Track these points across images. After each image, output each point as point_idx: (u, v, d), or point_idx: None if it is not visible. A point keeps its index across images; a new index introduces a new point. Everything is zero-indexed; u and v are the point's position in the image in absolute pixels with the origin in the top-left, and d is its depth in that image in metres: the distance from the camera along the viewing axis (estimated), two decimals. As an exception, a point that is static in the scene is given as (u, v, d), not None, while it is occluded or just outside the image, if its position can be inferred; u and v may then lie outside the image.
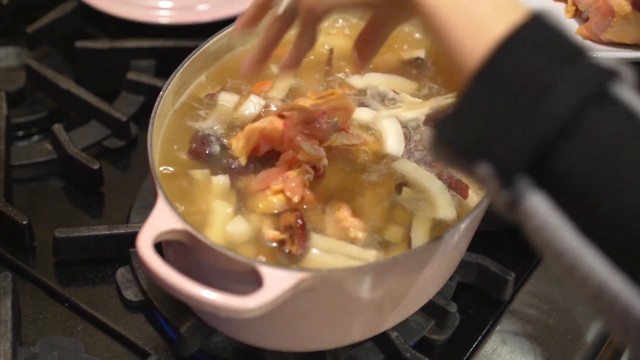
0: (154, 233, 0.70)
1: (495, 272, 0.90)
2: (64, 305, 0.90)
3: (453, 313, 0.87)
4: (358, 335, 0.81)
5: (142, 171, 1.00)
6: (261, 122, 0.82)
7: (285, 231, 0.76)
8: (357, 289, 0.74)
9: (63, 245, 0.91)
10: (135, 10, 1.15)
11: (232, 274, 0.71)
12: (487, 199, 0.59)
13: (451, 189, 0.80)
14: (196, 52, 0.87)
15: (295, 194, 0.78)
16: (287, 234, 0.76)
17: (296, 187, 0.78)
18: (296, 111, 0.82)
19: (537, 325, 0.89)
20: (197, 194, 0.79)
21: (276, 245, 0.76)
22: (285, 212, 0.77)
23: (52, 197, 1.00)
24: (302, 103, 0.83)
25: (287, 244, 0.76)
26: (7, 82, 1.09)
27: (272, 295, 0.67)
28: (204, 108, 0.87)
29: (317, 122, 0.82)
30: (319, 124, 0.82)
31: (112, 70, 1.11)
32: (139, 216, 0.95)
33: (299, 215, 0.76)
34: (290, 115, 0.82)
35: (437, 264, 0.79)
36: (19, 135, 1.07)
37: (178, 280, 0.67)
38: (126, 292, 0.89)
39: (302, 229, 0.76)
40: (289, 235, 0.76)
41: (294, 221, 0.76)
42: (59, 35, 1.16)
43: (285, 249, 0.76)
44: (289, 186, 0.78)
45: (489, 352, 0.88)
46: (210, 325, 0.82)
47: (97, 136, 1.05)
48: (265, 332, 0.78)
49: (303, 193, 0.78)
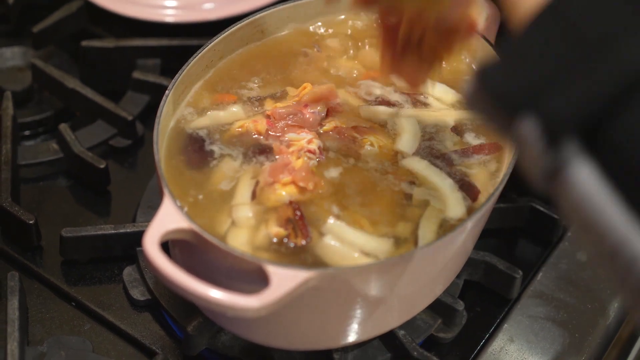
0: (160, 232, 0.70)
1: (503, 269, 0.90)
2: (71, 304, 0.90)
3: (460, 311, 0.87)
4: (365, 333, 0.81)
5: (149, 170, 1.00)
6: (245, 121, 0.84)
7: (286, 225, 0.76)
8: (363, 287, 0.73)
9: (70, 245, 0.91)
10: (141, 9, 1.15)
11: (239, 273, 0.71)
12: (524, 163, 0.50)
13: (462, 191, 0.80)
14: (202, 50, 0.87)
15: (309, 181, 0.78)
16: (289, 227, 0.76)
17: (306, 175, 0.78)
18: (278, 108, 0.84)
19: (545, 323, 0.89)
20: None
21: (287, 241, 0.76)
22: (282, 207, 0.77)
23: (58, 196, 1.00)
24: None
25: (291, 237, 0.76)
26: (14, 82, 1.10)
27: (279, 294, 0.67)
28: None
29: (301, 113, 0.84)
30: (302, 115, 0.84)
31: (118, 69, 1.11)
32: (146, 215, 0.95)
33: (295, 206, 0.77)
34: (272, 112, 0.84)
35: (444, 262, 0.78)
36: (26, 134, 1.07)
37: (184, 280, 0.67)
38: (133, 291, 0.89)
39: (301, 220, 0.76)
40: (291, 228, 0.76)
41: (292, 214, 0.76)
42: (65, 35, 1.16)
43: (290, 244, 0.75)
44: (299, 176, 0.78)
45: (497, 350, 0.87)
46: (217, 324, 0.82)
47: (104, 135, 1.05)
48: (272, 330, 0.78)
49: (314, 180, 0.78)
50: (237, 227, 0.77)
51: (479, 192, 0.80)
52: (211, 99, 0.87)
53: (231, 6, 1.15)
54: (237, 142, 0.83)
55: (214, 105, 0.86)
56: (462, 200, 0.79)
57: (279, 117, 0.84)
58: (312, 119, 0.84)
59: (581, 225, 0.48)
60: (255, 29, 0.92)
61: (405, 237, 0.77)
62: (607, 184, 0.46)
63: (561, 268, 0.94)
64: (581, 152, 0.46)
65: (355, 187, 0.80)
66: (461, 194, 0.80)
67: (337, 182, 0.80)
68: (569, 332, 0.89)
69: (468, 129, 0.85)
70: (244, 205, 0.78)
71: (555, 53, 0.46)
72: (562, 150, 0.47)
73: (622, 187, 0.45)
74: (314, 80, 0.89)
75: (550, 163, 0.47)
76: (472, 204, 0.79)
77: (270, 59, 0.91)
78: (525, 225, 0.97)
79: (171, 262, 0.68)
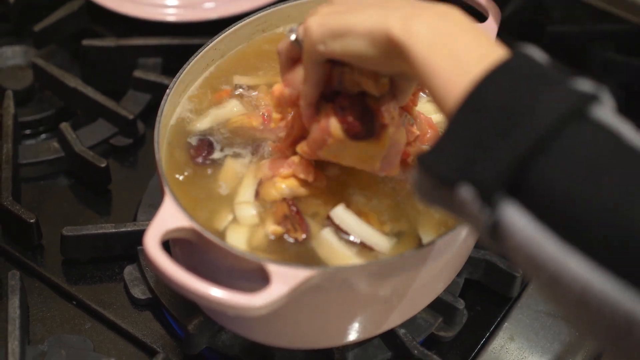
0: (161, 231, 0.70)
1: (503, 268, 0.90)
2: (71, 303, 0.90)
3: (461, 310, 0.87)
4: (365, 332, 0.81)
5: (150, 169, 1.00)
6: (241, 117, 0.84)
7: (284, 222, 0.76)
8: (364, 286, 0.73)
9: (71, 244, 0.91)
10: (142, 8, 1.15)
11: (240, 272, 0.71)
12: (470, 226, 0.60)
13: None
14: (203, 49, 0.87)
15: (309, 173, 0.78)
16: (287, 223, 0.76)
17: (306, 168, 0.78)
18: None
19: (545, 322, 0.89)
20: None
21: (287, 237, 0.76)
22: (277, 204, 0.77)
23: (59, 195, 1.00)
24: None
25: (290, 233, 0.76)
26: (15, 81, 1.10)
27: (280, 292, 0.67)
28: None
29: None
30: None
31: (119, 68, 1.11)
32: (147, 214, 0.95)
33: (290, 202, 0.77)
34: (268, 111, 0.84)
35: (444, 260, 0.78)
36: (27, 133, 1.07)
37: (185, 278, 0.67)
38: (134, 290, 0.89)
39: (298, 214, 0.76)
40: (289, 224, 0.76)
41: (287, 210, 0.76)
42: (66, 34, 1.16)
43: (289, 239, 0.76)
44: (299, 168, 0.78)
45: (497, 348, 0.87)
46: (218, 323, 0.82)
47: (104, 134, 1.05)
48: (272, 329, 0.78)
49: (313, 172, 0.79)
50: (238, 224, 0.77)
51: None
52: (212, 97, 0.87)
53: (232, 5, 1.14)
54: (236, 138, 0.83)
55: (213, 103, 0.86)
56: None
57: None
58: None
59: (524, 262, 0.55)
60: (256, 28, 0.92)
61: (406, 233, 0.77)
62: (538, 222, 0.53)
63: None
64: (510, 202, 0.54)
65: (356, 183, 0.80)
66: None
67: (337, 178, 0.80)
68: (569, 330, 0.89)
69: None
70: (247, 203, 0.78)
71: (475, 133, 0.55)
72: (496, 204, 0.54)
73: (550, 222, 0.53)
74: None
75: (488, 218, 0.55)
76: None
77: (271, 55, 0.91)
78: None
79: (172, 261, 0.68)
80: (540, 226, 0.53)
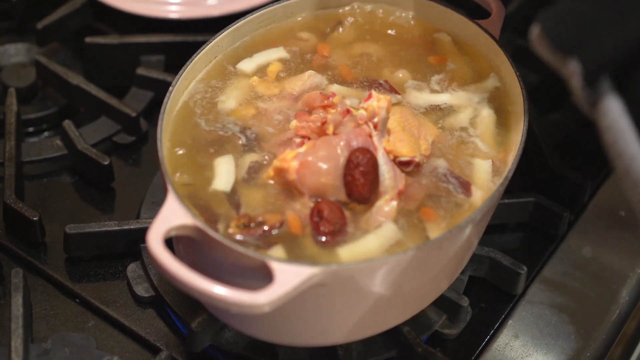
0: (164, 228, 0.70)
1: (507, 265, 0.90)
2: (75, 301, 0.90)
3: (465, 307, 0.87)
4: (370, 330, 0.81)
5: (153, 166, 1.00)
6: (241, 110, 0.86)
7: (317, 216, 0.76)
8: (368, 283, 0.73)
9: (74, 241, 0.91)
10: (145, 5, 1.15)
11: (243, 269, 0.71)
12: (572, 94, 0.64)
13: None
14: (205, 46, 0.87)
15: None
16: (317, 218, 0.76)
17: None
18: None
19: (549, 319, 0.89)
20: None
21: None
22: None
23: (62, 193, 1.00)
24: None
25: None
26: (17, 79, 1.10)
27: (283, 290, 0.67)
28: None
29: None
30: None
31: (121, 65, 1.11)
32: (150, 212, 0.95)
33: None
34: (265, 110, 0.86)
35: (448, 257, 0.78)
36: (30, 131, 1.07)
37: (188, 276, 0.67)
38: (137, 288, 0.89)
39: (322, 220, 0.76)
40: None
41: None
42: (69, 32, 1.16)
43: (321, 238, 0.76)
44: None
45: (501, 346, 0.87)
46: (222, 320, 0.82)
47: (107, 132, 1.05)
48: (276, 327, 0.78)
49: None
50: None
51: (469, 184, 0.80)
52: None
53: (235, 2, 1.14)
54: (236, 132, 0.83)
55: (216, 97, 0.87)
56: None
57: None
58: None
59: (608, 145, 0.60)
60: (259, 25, 0.92)
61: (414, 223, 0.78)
62: (628, 115, 0.58)
63: (566, 264, 0.93)
64: (611, 89, 0.58)
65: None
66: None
67: None
68: (573, 327, 0.89)
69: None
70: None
71: (598, 6, 0.58)
72: (598, 86, 0.59)
73: (637, 120, 0.58)
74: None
75: (589, 96, 0.60)
76: (469, 198, 0.79)
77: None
78: (530, 220, 0.97)
79: (175, 258, 0.67)
80: (628, 119, 0.58)
